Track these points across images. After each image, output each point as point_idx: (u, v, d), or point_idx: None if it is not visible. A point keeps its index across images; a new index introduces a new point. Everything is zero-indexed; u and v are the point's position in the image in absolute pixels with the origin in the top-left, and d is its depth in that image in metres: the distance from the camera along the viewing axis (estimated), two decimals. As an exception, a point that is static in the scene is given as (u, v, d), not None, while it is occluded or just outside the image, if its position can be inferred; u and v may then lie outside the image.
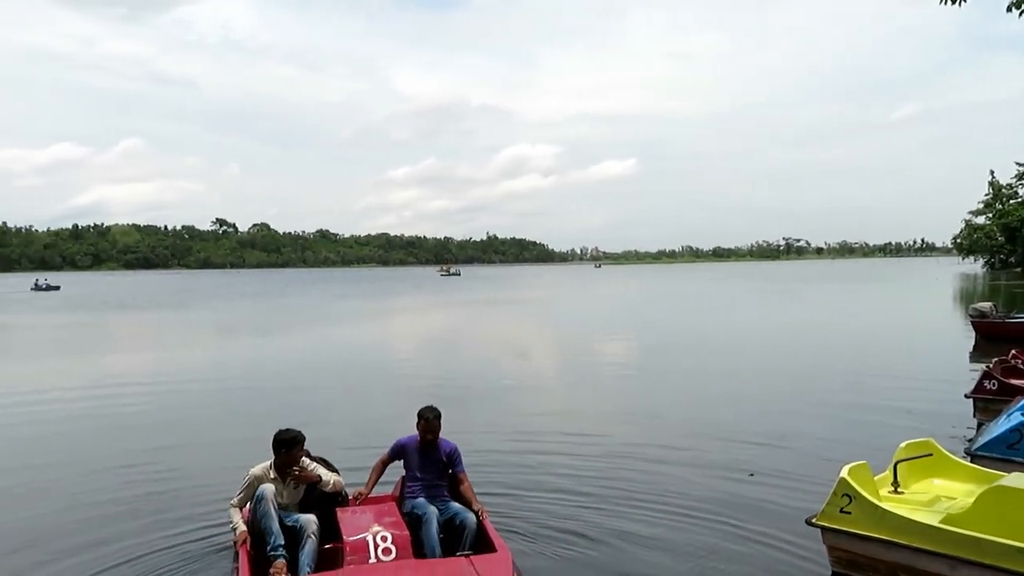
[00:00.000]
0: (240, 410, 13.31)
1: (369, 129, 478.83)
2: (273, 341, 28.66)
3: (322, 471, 5.80)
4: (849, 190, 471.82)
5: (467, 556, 5.07)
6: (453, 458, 6.07)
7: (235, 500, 5.71)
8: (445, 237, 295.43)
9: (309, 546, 5.29)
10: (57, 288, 79.49)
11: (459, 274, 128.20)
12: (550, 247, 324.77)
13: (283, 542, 5.24)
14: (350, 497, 5.92)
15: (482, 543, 5.38)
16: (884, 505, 5.40)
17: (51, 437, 11.32)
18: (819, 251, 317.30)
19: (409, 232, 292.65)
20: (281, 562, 5.10)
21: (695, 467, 8.87)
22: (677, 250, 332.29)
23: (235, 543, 5.42)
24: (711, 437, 10.43)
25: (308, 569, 5.17)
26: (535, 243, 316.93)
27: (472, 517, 5.61)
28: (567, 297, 57.36)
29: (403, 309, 46.49)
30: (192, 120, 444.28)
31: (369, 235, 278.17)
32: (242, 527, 5.45)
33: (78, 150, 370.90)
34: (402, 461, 6.11)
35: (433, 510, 5.63)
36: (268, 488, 5.47)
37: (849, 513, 5.44)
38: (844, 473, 5.54)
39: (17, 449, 10.71)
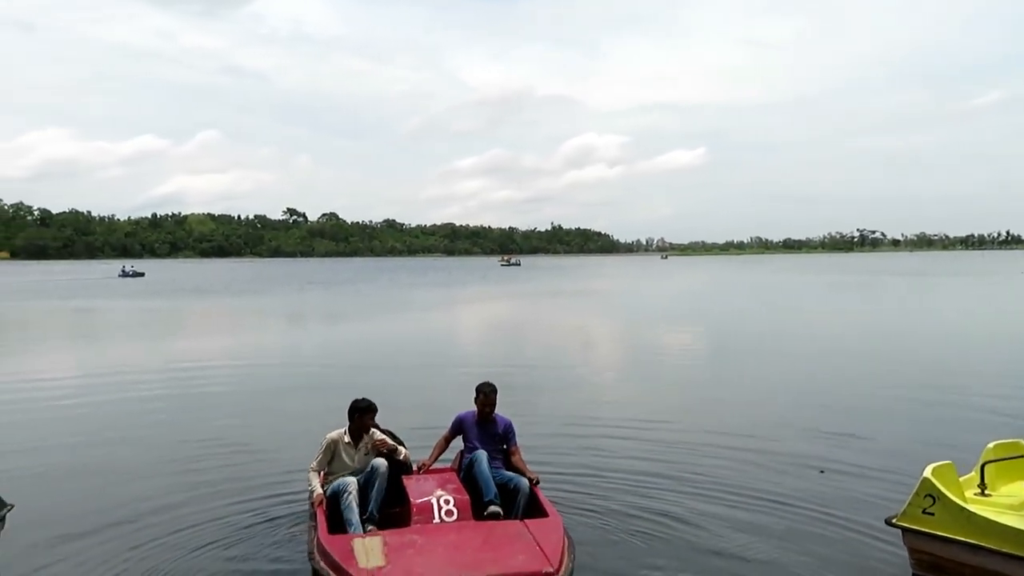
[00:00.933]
0: (310, 389, 14.05)
1: (435, 119, 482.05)
2: (342, 327, 29.83)
3: (390, 441, 6.37)
4: (928, 180, 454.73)
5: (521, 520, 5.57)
6: (508, 432, 6.55)
7: (313, 464, 6.21)
8: (510, 227, 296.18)
9: (379, 484, 5.88)
10: (142, 275, 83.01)
11: (519, 264, 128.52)
12: (615, 238, 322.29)
13: (356, 500, 5.76)
14: (415, 468, 6.37)
15: (535, 509, 5.82)
16: (971, 507, 5.19)
17: (141, 411, 12.28)
18: (895, 243, 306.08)
19: (474, 222, 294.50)
20: (353, 527, 5.58)
21: (762, 458, 8.76)
22: (746, 241, 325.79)
23: (312, 503, 5.88)
24: (780, 429, 10.26)
25: (376, 506, 5.82)
26: (600, 234, 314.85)
27: (525, 482, 6.05)
28: (633, 288, 56.90)
29: (466, 299, 46.93)
30: (264, 112, 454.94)
31: (435, 225, 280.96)
32: (319, 490, 5.92)
33: (159, 142, 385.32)
34: (462, 435, 6.59)
35: (484, 452, 6.22)
36: (344, 451, 6.11)
37: (932, 515, 5.24)
38: (928, 473, 5.33)
39: (111, 420, 11.58)
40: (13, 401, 13.45)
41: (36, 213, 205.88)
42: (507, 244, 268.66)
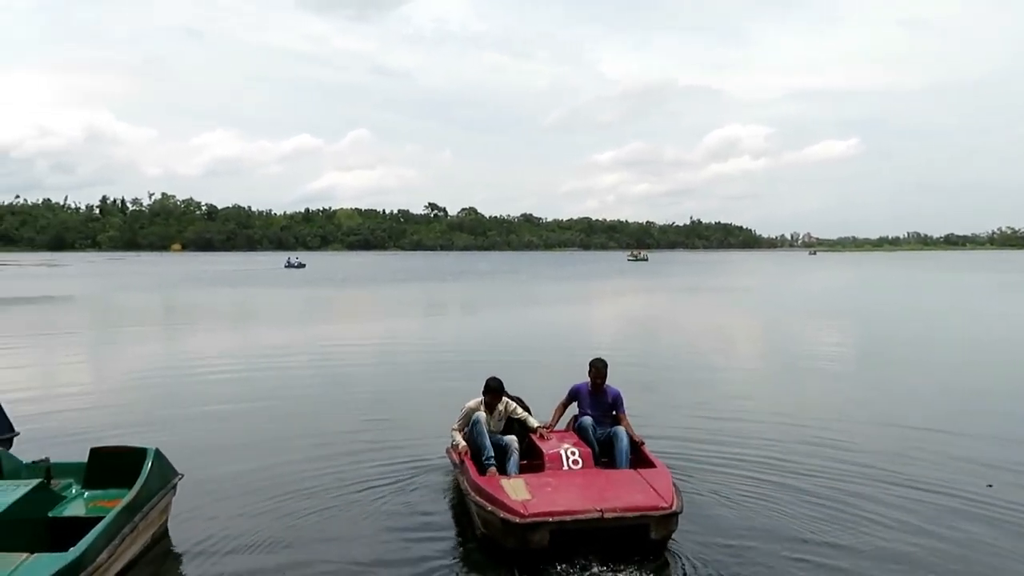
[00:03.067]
0: (446, 369, 15.52)
1: (574, 113, 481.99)
2: (479, 316, 31.44)
3: (520, 410, 7.64)
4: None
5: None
6: (617, 400, 7.61)
7: (456, 424, 7.48)
8: (647, 221, 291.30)
9: (514, 458, 6.99)
10: (304, 266, 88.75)
11: (647, 259, 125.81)
12: (757, 233, 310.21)
13: (493, 454, 6.94)
14: (539, 430, 7.45)
15: (644, 463, 6.85)
16: None
17: (298, 387, 13.81)
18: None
19: (611, 216, 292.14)
20: (493, 469, 6.75)
21: (919, 467, 8.26)
22: (902, 236, 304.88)
23: (459, 454, 7.07)
24: (938, 438, 9.62)
25: (515, 471, 6.86)
26: (741, 228, 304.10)
27: (621, 430, 7.16)
28: (780, 285, 54.61)
29: (593, 293, 46.65)
30: (409, 109, 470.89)
31: (571, 219, 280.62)
32: (463, 443, 7.16)
33: (313, 141, 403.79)
34: (576, 403, 7.72)
35: (589, 419, 7.40)
36: (481, 415, 7.27)
37: None
38: None
39: (271, 395, 12.89)
40: (185, 376, 15.21)
41: (204, 208, 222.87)
42: (644, 238, 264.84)
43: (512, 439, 7.14)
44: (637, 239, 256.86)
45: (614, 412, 7.53)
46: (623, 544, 5.72)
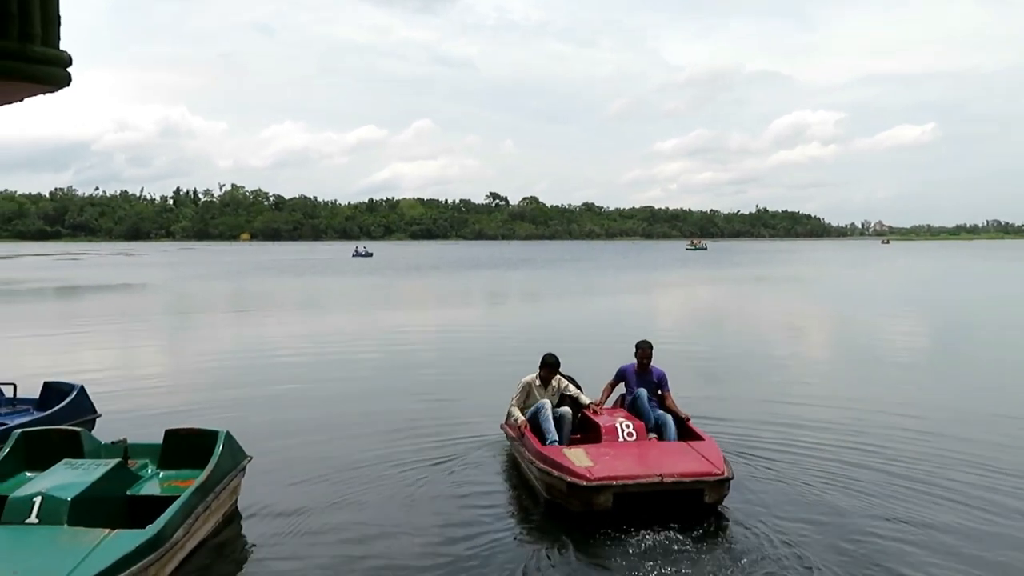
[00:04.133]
0: (506, 352, 15.85)
1: (638, 101, 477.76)
2: (535, 304, 31.56)
3: (572, 388, 8.06)
4: None
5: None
6: (662, 380, 8.12)
7: (514, 400, 7.96)
8: (711, 210, 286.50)
9: (566, 428, 7.50)
10: (371, 255, 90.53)
11: (705, 248, 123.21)
12: (826, 221, 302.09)
13: (556, 438, 7.33)
14: (591, 406, 7.93)
15: (691, 436, 7.43)
16: None
17: (362, 369, 14.38)
18: None
19: (674, 205, 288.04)
20: (556, 446, 7.19)
21: (994, 475, 7.83)
22: (980, 225, 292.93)
23: (518, 427, 7.56)
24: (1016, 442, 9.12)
25: (566, 439, 7.40)
26: (809, 217, 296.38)
27: (668, 417, 7.64)
28: (846, 276, 53.04)
29: (643, 283, 46.09)
30: (472, 99, 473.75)
31: (633, 208, 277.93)
32: (521, 417, 7.65)
33: (378, 132, 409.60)
34: (624, 383, 8.25)
35: (644, 391, 7.90)
36: (547, 402, 7.62)
37: None
38: None
39: (336, 378, 13.35)
40: (255, 360, 15.70)
41: (271, 199, 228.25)
42: (707, 228, 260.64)
43: (567, 410, 7.66)
44: (700, 228, 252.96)
45: (659, 391, 8.04)
46: (678, 508, 6.29)
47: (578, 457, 6.66)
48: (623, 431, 7.25)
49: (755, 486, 7.26)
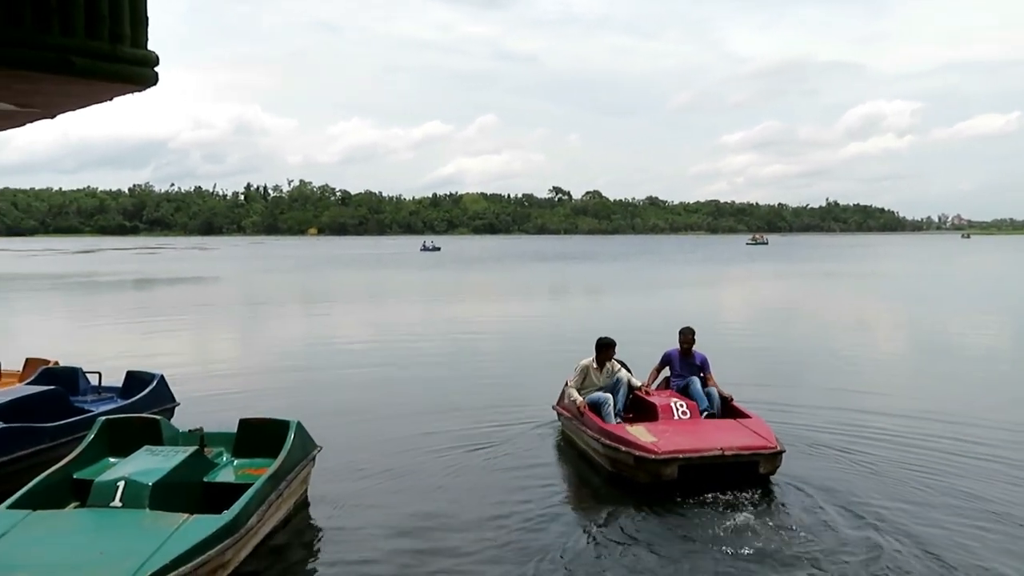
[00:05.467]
0: (565, 342, 15.88)
1: (704, 93, 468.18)
2: (602, 298, 31.07)
3: (624, 371, 8.51)
4: None
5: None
6: (704, 363, 8.62)
7: (572, 382, 8.44)
8: (779, 204, 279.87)
9: (623, 391, 8.16)
10: (439, 249, 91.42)
11: (767, 243, 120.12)
12: (900, 215, 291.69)
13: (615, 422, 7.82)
14: (642, 388, 8.49)
15: (738, 414, 7.93)
16: None
17: (425, 359, 14.71)
18: None
19: (741, 199, 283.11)
20: (619, 423, 7.76)
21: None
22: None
23: (578, 408, 8.01)
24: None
25: (622, 406, 8.12)
26: (883, 210, 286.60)
27: (713, 391, 8.23)
28: (923, 272, 51.11)
29: (694, 279, 45.26)
30: (536, 94, 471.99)
31: (698, 202, 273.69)
32: (580, 398, 8.09)
33: (443, 127, 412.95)
34: (668, 366, 8.80)
35: (696, 378, 8.41)
36: (609, 397, 8.05)
37: None
38: None
39: (411, 366, 13.81)
40: (326, 351, 16.10)
41: (338, 194, 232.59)
42: (775, 222, 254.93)
43: (624, 375, 8.35)
44: (767, 222, 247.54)
45: (702, 374, 8.51)
46: (734, 479, 6.87)
47: (641, 433, 7.24)
48: (677, 410, 7.81)
49: (810, 463, 7.81)
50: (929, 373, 13.87)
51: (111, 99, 3.54)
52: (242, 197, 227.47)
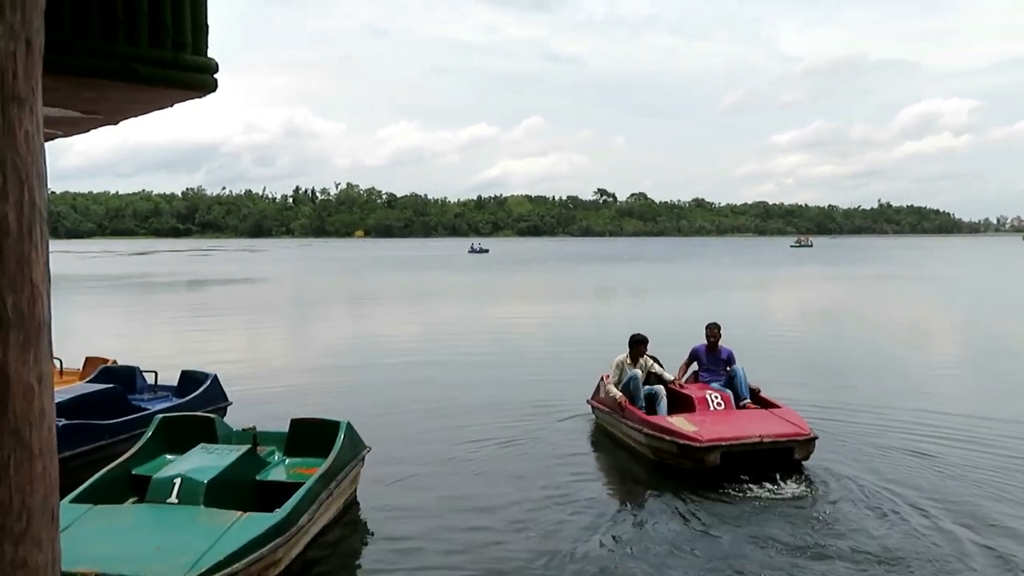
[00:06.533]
0: (607, 341, 15.47)
1: (753, 93, 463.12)
2: (636, 299, 30.85)
3: (657, 366, 8.91)
4: None
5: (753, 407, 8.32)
6: (730, 357, 9.03)
7: (609, 377, 8.85)
8: (829, 205, 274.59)
9: (663, 404, 8.33)
10: (487, 251, 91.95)
11: (811, 245, 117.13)
12: (956, 216, 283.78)
13: (645, 405, 8.38)
14: (675, 381, 8.90)
15: (768, 404, 8.36)
16: None
17: (469, 358, 14.93)
18: None
19: (790, 200, 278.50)
20: (660, 415, 8.14)
21: None
22: None
23: (618, 403, 8.44)
24: None
25: (665, 413, 8.26)
26: (938, 212, 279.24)
27: (742, 370, 8.65)
28: (980, 277, 49.56)
29: (723, 282, 44.50)
30: (581, 96, 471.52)
31: (746, 204, 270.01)
32: (619, 393, 8.49)
33: (489, 130, 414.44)
34: (696, 361, 9.22)
35: (741, 368, 8.74)
36: (638, 373, 8.56)
37: None
38: None
39: (446, 366, 13.55)
40: (375, 352, 16.28)
41: (384, 197, 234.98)
42: (825, 223, 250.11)
43: (661, 388, 8.54)
44: (817, 224, 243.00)
45: (728, 367, 8.88)
46: (769, 464, 7.27)
47: (682, 423, 7.67)
48: (713, 401, 8.24)
49: (842, 453, 8.21)
50: (984, 376, 13.49)
51: (172, 105, 3.63)
52: (291, 200, 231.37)
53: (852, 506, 6.64)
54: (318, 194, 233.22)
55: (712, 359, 9.09)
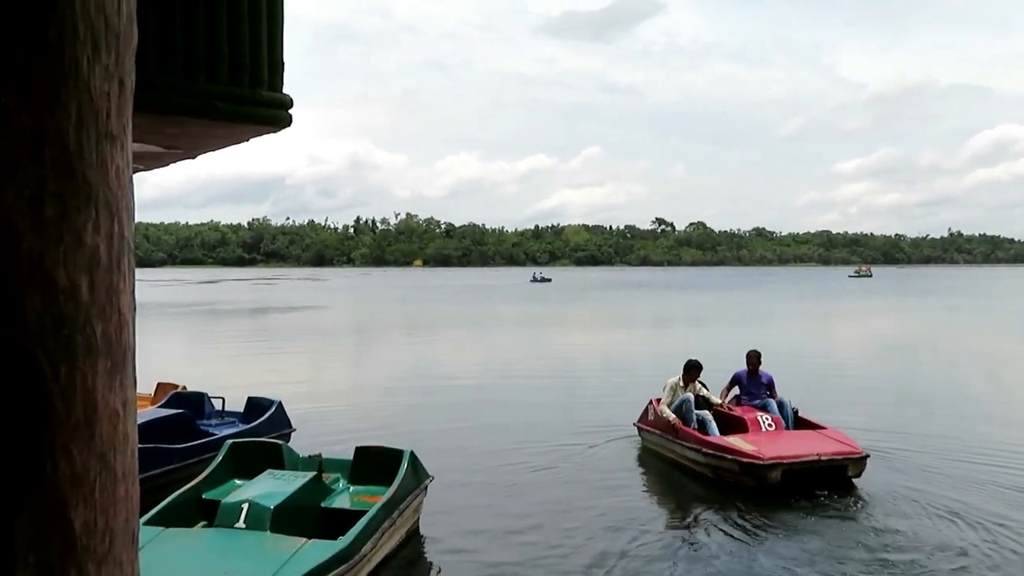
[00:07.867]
0: (656, 367, 15.48)
1: (815, 121, 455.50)
2: (701, 328, 30.00)
3: (705, 390, 9.32)
4: None
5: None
6: (770, 383, 9.50)
7: (663, 399, 9.11)
8: (896, 234, 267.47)
9: (713, 426, 8.61)
10: (549, 280, 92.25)
11: (870, 275, 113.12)
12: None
13: (697, 427, 8.66)
14: (723, 404, 9.36)
15: (811, 426, 8.75)
16: None
17: (528, 387, 14.46)
18: None
19: (854, 229, 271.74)
20: (717, 436, 8.42)
21: None
22: None
23: (672, 424, 8.73)
24: None
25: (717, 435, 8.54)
26: (1013, 241, 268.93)
27: (786, 401, 9.08)
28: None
29: (811, 312, 43.28)
30: (638, 126, 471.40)
31: (808, 233, 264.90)
32: (673, 415, 8.77)
33: (548, 160, 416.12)
34: (738, 386, 9.72)
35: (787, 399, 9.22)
36: (690, 396, 8.92)
37: None
38: None
39: (505, 397, 13.51)
40: (438, 380, 16.40)
41: (443, 227, 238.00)
42: (892, 253, 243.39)
43: (707, 413, 8.87)
44: (884, 254, 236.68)
45: (768, 392, 9.31)
46: (824, 481, 7.59)
47: (740, 443, 7.96)
48: (764, 423, 8.60)
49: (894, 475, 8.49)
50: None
51: (248, 140, 3.74)
52: (352, 230, 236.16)
53: (906, 521, 6.89)
54: (378, 224, 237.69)
55: (753, 383, 9.57)
